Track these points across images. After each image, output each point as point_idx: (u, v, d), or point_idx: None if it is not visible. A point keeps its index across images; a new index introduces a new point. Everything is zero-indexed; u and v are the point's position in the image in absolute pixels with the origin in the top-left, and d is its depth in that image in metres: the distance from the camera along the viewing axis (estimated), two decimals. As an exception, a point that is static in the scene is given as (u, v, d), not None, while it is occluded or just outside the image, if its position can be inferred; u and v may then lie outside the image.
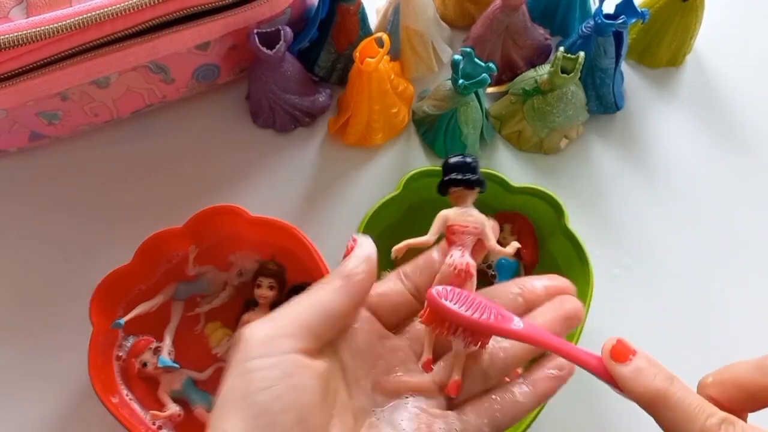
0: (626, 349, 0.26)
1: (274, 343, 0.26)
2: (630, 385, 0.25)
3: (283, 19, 0.51)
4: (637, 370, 0.25)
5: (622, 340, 0.26)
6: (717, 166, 0.56)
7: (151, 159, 0.55)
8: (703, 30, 0.58)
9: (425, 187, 0.48)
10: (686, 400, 0.24)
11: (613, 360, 0.26)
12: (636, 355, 0.26)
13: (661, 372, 0.25)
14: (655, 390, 0.25)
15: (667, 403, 0.24)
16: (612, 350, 0.26)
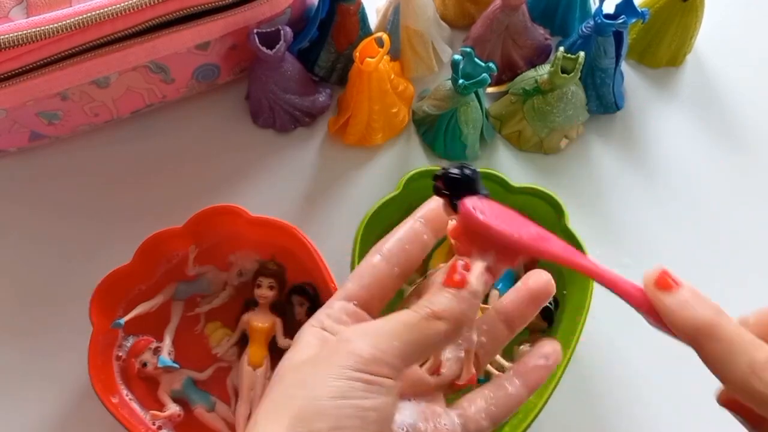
0: (671, 279, 0.25)
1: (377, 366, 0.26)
2: (676, 316, 0.24)
3: (283, 19, 0.51)
4: (683, 301, 0.24)
5: (666, 270, 0.25)
6: (717, 165, 0.56)
7: (151, 159, 0.55)
8: (703, 30, 0.58)
9: (425, 187, 0.48)
10: (735, 333, 0.23)
11: (657, 290, 0.25)
12: (681, 286, 0.25)
13: (709, 303, 0.24)
14: (703, 320, 0.24)
15: (714, 335, 0.23)
16: (656, 280, 0.25)
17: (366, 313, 0.31)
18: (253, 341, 0.46)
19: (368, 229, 0.46)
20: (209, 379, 0.48)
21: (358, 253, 0.45)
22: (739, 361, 0.23)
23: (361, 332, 0.27)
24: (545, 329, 0.47)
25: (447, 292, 0.27)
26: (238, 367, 0.46)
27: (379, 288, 0.31)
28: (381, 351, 0.26)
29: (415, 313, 0.27)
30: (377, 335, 0.27)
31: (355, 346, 0.26)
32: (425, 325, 0.27)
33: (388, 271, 0.31)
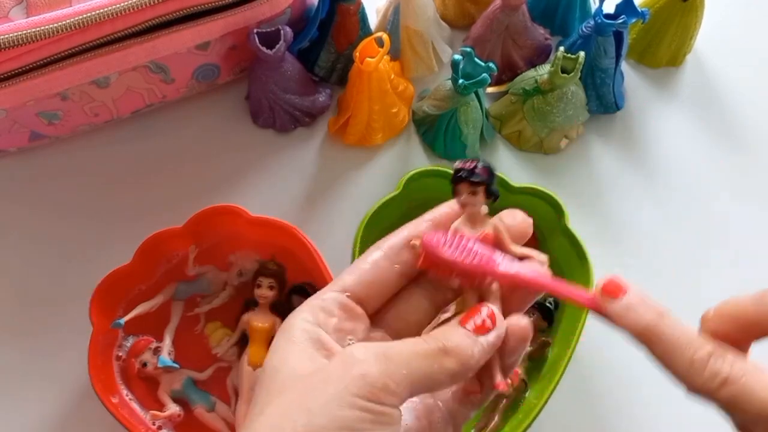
0: (617, 286, 0.26)
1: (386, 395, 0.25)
2: (622, 321, 0.26)
3: (283, 19, 0.51)
4: (627, 306, 0.26)
5: (614, 278, 0.26)
6: (717, 165, 0.56)
7: (151, 159, 0.55)
8: (703, 30, 0.58)
9: (425, 187, 0.48)
10: (675, 334, 0.25)
11: (605, 297, 0.26)
12: (627, 292, 0.26)
13: (652, 307, 0.26)
14: (645, 324, 0.25)
15: (656, 337, 0.25)
16: (603, 287, 0.26)
17: (360, 307, 0.29)
18: (253, 341, 0.46)
19: (368, 229, 0.46)
20: (209, 379, 0.48)
21: (357, 253, 0.45)
22: (679, 361, 0.25)
23: (372, 354, 0.25)
24: (545, 329, 0.47)
25: (465, 333, 0.27)
26: (238, 367, 0.46)
27: (376, 284, 0.30)
28: (392, 379, 0.25)
29: (427, 344, 0.26)
30: (388, 361, 0.25)
31: (366, 371, 0.25)
32: (435, 359, 0.26)
33: (387, 267, 0.30)
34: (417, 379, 0.25)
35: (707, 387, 0.24)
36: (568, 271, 0.47)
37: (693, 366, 0.24)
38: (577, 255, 0.46)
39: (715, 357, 0.24)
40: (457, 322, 0.27)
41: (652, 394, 0.48)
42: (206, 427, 0.46)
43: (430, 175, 0.48)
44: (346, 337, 0.28)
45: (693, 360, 0.24)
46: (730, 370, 0.24)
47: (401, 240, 0.30)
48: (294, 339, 0.27)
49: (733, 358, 0.24)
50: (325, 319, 0.28)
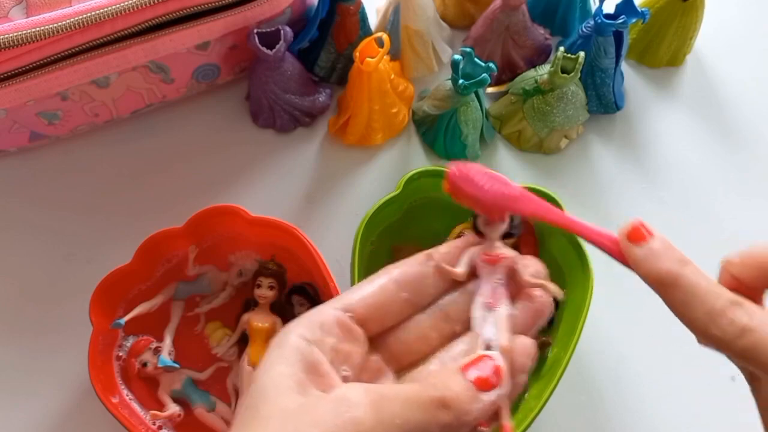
0: (643, 231, 0.26)
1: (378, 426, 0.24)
2: (643, 266, 0.25)
3: (283, 19, 0.51)
4: (650, 252, 0.25)
5: (639, 224, 0.26)
6: (717, 165, 0.56)
7: (151, 159, 0.55)
8: (703, 30, 0.58)
9: (425, 187, 0.48)
10: (696, 282, 0.25)
11: (628, 242, 0.26)
12: (652, 237, 0.26)
13: (675, 255, 0.25)
14: (666, 271, 0.25)
15: (676, 284, 0.25)
16: (629, 233, 0.26)
17: (361, 329, 0.28)
18: (254, 341, 0.46)
19: (368, 229, 0.46)
20: (209, 379, 0.47)
21: (357, 253, 0.45)
22: (699, 309, 0.24)
23: (366, 401, 0.24)
24: (545, 329, 0.47)
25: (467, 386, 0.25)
26: (239, 367, 0.46)
27: (381, 309, 0.28)
28: (383, 428, 0.24)
29: (425, 393, 0.25)
30: (382, 409, 0.24)
31: (357, 416, 0.24)
32: (430, 411, 0.25)
33: (395, 293, 0.29)
34: (410, 429, 0.24)
35: (725, 336, 0.24)
36: (567, 272, 0.47)
37: (712, 314, 0.24)
38: (578, 255, 0.46)
39: (736, 306, 0.24)
40: (458, 368, 0.26)
41: (652, 393, 0.48)
42: (206, 427, 0.46)
43: (430, 175, 0.48)
44: (342, 365, 0.27)
45: (713, 308, 0.24)
46: (750, 320, 0.23)
47: (412, 271, 0.29)
48: (287, 358, 0.26)
49: (753, 308, 0.24)
50: (323, 337, 0.27)
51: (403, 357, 0.29)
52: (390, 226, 0.49)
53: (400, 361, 0.29)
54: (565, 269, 0.47)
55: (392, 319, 0.29)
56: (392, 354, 0.29)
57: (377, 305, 0.28)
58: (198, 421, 0.46)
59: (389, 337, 0.29)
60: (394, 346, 0.29)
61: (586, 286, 0.45)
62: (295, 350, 0.26)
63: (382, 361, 0.29)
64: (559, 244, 0.47)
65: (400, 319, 0.29)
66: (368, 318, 0.28)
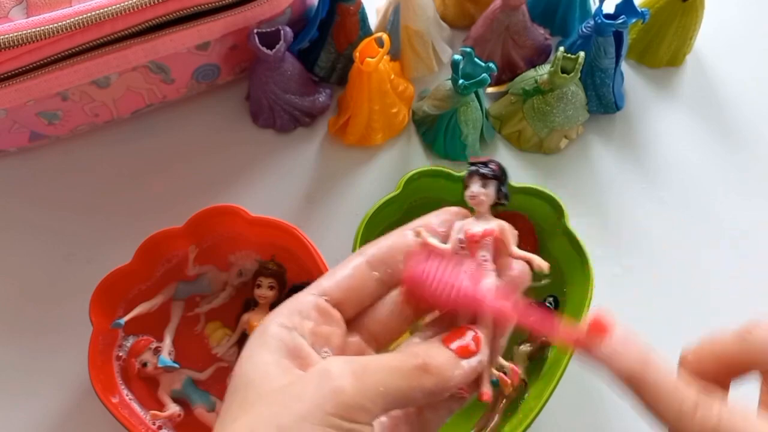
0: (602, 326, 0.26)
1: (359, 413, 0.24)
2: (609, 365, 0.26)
3: (283, 19, 0.51)
4: (613, 351, 0.26)
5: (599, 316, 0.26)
6: (717, 165, 0.56)
7: (151, 159, 0.55)
8: (703, 30, 0.58)
9: (425, 187, 0.48)
10: (662, 382, 0.25)
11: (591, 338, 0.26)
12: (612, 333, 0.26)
13: (637, 352, 0.25)
14: (631, 372, 0.25)
15: (643, 384, 0.25)
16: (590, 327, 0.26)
17: (338, 311, 0.28)
18: (253, 341, 0.46)
19: (368, 228, 0.46)
20: (209, 379, 0.47)
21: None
22: (670, 408, 0.25)
23: (348, 371, 0.25)
24: None
25: (448, 354, 0.26)
26: (238, 367, 0.46)
27: (355, 290, 0.29)
28: (366, 397, 0.24)
29: (407, 360, 0.26)
30: (364, 377, 0.25)
31: (341, 388, 0.24)
32: (413, 377, 0.25)
33: (368, 274, 0.29)
34: (392, 397, 0.25)
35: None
36: (568, 272, 0.47)
37: (682, 416, 0.24)
38: (578, 255, 0.46)
39: (702, 409, 0.24)
40: (440, 341, 0.27)
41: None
42: (206, 427, 0.46)
43: (429, 175, 0.48)
44: (323, 347, 0.27)
45: (681, 413, 0.24)
46: (719, 418, 0.24)
47: (385, 249, 0.30)
48: (268, 346, 0.26)
49: (719, 405, 0.24)
50: (301, 321, 0.27)
51: (381, 336, 0.29)
52: (390, 226, 0.49)
53: (379, 340, 0.29)
54: (565, 269, 0.47)
55: (368, 299, 0.29)
56: (371, 333, 0.29)
57: (351, 287, 0.29)
58: (198, 421, 0.46)
59: (366, 317, 0.30)
60: (372, 325, 0.29)
61: (586, 286, 0.45)
62: (275, 338, 0.26)
63: (362, 341, 0.29)
64: (559, 243, 0.47)
65: (376, 298, 0.29)
66: (344, 300, 0.29)
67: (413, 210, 0.49)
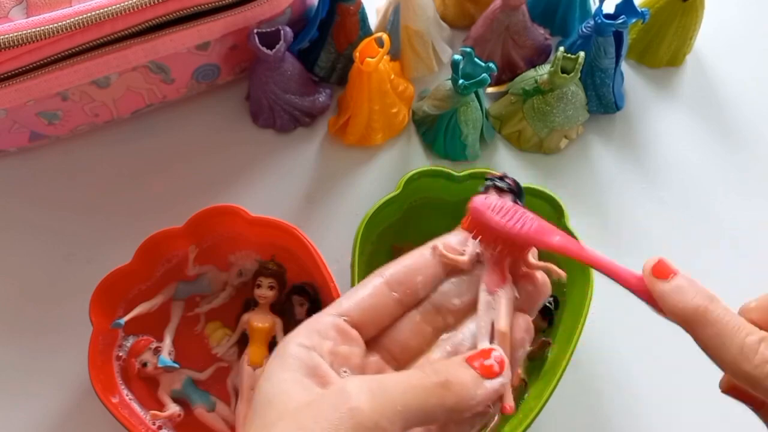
0: (667, 268, 0.26)
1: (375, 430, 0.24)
2: (670, 302, 0.25)
3: (283, 19, 0.51)
4: (678, 288, 0.25)
5: (663, 259, 0.26)
6: (717, 165, 0.56)
7: (151, 159, 0.55)
8: (703, 30, 0.58)
9: (425, 187, 0.48)
10: (726, 318, 0.25)
11: (654, 277, 0.26)
12: (677, 274, 0.26)
13: (702, 290, 0.25)
14: (695, 306, 0.25)
15: (706, 320, 0.25)
16: (653, 268, 0.26)
17: (357, 331, 0.29)
18: (254, 341, 0.46)
19: (368, 228, 0.46)
20: (209, 379, 0.48)
21: (357, 253, 0.45)
22: (730, 345, 0.24)
23: (365, 390, 0.25)
24: (545, 329, 0.47)
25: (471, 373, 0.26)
26: (239, 367, 0.46)
27: (374, 310, 0.29)
28: (383, 416, 0.24)
29: (426, 378, 0.25)
30: (381, 396, 0.24)
31: (356, 406, 0.24)
32: (433, 394, 0.25)
33: (386, 294, 0.29)
34: (412, 415, 0.24)
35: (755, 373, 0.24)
36: (568, 272, 0.47)
37: (743, 351, 0.24)
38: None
39: (767, 343, 0.24)
40: (463, 359, 0.26)
41: (652, 394, 0.48)
42: (206, 427, 0.46)
43: (430, 175, 0.48)
44: (342, 367, 0.27)
45: (744, 344, 0.24)
46: None
47: (403, 270, 0.30)
48: (288, 365, 0.26)
49: None
50: (320, 341, 0.27)
51: (400, 355, 0.29)
52: (390, 226, 0.49)
53: (399, 360, 0.29)
54: (565, 269, 0.47)
55: (386, 319, 0.29)
56: (391, 353, 0.29)
57: (371, 307, 0.29)
58: (198, 421, 0.46)
59: (385, 337, 0.29)
60: (391, 345, 0.29)
61: (586, 286, 0.45)
62: (294, 358, 0.27)
63: (382, 361, 0.29)
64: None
65: (395, 318, 0.29)
66: (363, 320, 0.29)
67: (413, 210, 0.49)
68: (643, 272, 0.26)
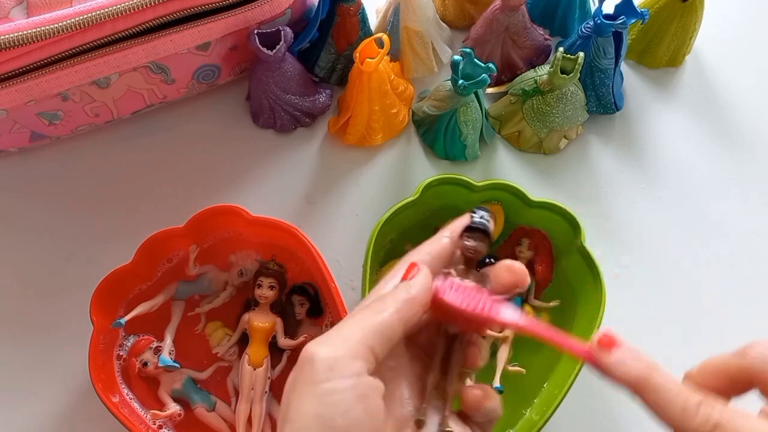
0: (611, 340, 0.28)
1: (344, 365, 0.26)
2: (615, 373, 0.27)
3: (284, 20, 0.51)
4: (621, 360, 0.27)
5: (608, 332, 0.28)
6: (716, 165, 0.56)
7: (151, 159, 0.55)
8: (702, 30, 0.58)
9: (444, 194, 0.48)
10: (667, 385, 0.26)
11: (600, 349, 0.28)
12: (620, 346, 0.28)
13: (643, 361, 0.27)
14: (637, 376, 0.27)
15: (649, 388, 0.26)
16: (599, 341, 0.28)
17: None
18: (254, 341, 0.46)
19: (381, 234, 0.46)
20: (209, 379, 0.48)
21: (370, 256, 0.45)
22: (673, 408, 0.26)
23: (319, 341, 0.27)
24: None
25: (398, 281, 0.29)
26: (239, 367, 0.46)
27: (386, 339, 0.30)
28: (341, 349, 0.26)
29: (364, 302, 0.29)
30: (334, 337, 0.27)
31: (316, 357, 0.26)
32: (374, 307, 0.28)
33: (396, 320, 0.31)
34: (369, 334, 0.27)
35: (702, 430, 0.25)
36: (579, 290, 0.47)
37: (685, 413, 0.26)
38: (591, 274, 0.46)
39: (705, 404, 0.26)
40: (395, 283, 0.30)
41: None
42: (206, 427, 0.46)
43: (449, 183, 0.48)
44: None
45: (684, 407, 0.26)
46: (720, 416, 0.25)
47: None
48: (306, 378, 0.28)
49: (720, 406, 0.26)
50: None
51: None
52: (405, 231, 0.49)
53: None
54: (577, 288, 0.47)
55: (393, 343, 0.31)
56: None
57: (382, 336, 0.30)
58: (198, 421, 0.46)
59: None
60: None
61: (598, 307, 0.44)
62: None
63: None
64: (573, 261, 0.47)
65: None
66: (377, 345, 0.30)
67: (431, 215, 0.49)
68: (590, 344, 0.28)
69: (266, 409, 0.46)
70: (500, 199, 0.49)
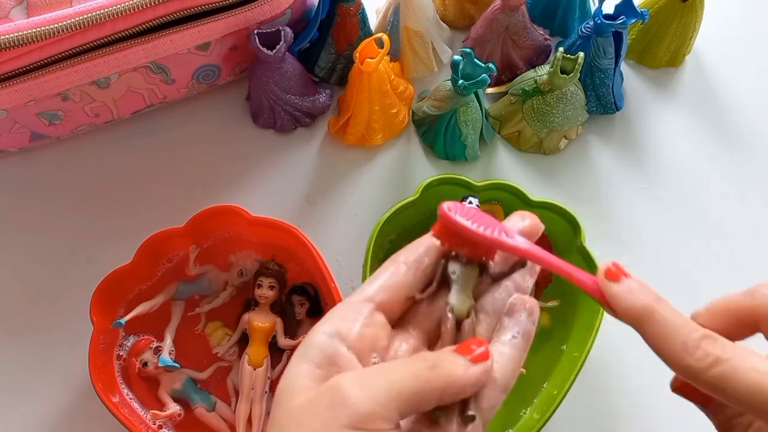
0: (620, 271, 0.27)
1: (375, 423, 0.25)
2: (620, 303, 0.27)
3: (284, 20, 0.51)
4: (627, 289, 0.27)
5: (617, 263, 0.27)
6: (716, 165, 0.56)
7: (151, 159, 0.55)
8: (702, 30, 0.58)
9: (444, 194, 0.48)
10: (672, 317, 0.26)
11: (606, 279, 0.27)
12: (628, 276, 0.27)
13: (650, 292, 0.27)
14: (643, 306, 0.26)
15: (653, 318, 0.26)
16: (606, 270, 0.27)
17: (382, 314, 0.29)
18: (254, 341, 0.46)
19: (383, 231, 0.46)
20: (209, 379, 0.48)
21: (371, 254, 0.45)
22: (674, 341, 0.25)
23: (357, 381, 0.25)
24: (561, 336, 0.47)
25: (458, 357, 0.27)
26: (239, 367, 0.47)
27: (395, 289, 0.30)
28: (379, 405, 0.25)
29: (415, 361, 0.27)
30: (374, 384, 0.25)
31: (352, 400, 0.25)
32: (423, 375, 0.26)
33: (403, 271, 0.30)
34: (404, 398, 0.25)
35: (697, 366, 0.25)
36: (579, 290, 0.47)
37: (685, 346, 0.25)
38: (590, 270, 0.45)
39: (708, 338, 0.25)
40: (451, 349, 0.28)
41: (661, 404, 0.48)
42: (206, 427, 0.46)
43: (449, 183, 0.47)
44: (372, 353, 0.28)
45: (686, 340, 0.25)
46: (721, 351, 0.25)
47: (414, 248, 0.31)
48: (306, 356, 0.27)
49: (724, 341, 0.25)
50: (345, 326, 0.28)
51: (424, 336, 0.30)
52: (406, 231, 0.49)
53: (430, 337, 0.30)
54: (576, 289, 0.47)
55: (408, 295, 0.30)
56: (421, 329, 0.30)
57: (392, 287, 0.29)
58: (198, 421, 0.46)
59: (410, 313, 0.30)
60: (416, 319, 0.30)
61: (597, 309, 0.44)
62: (315, 347, 0.27)
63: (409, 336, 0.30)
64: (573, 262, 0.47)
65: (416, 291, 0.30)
66: (387, 301, 0.29)
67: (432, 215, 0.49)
68: (597, 274, 0.28)
69: (266, 409, 0.46)
70: (500, 199, 0.49)
